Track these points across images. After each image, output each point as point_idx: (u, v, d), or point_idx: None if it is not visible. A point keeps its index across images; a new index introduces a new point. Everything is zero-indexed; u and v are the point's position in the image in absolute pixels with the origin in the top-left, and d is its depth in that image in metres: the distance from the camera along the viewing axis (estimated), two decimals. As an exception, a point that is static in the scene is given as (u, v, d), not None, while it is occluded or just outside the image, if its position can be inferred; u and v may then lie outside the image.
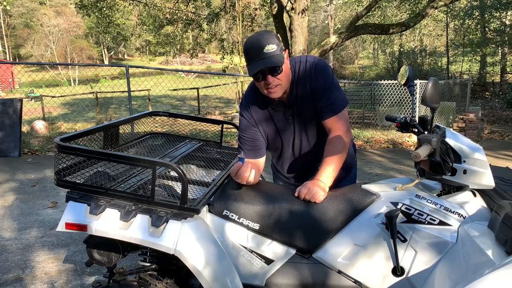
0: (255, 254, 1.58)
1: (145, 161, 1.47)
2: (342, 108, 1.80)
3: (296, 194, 1.64)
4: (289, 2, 8.68)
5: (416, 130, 1.66)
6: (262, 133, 1.87)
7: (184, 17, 14.53)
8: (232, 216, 1.58)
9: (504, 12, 18.62)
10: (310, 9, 13.70)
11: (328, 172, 1.70)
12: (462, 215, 1.48)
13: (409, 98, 9.25)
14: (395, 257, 1.47)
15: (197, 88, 16.06)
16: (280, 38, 10.35)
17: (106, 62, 44.62)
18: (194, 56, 16.26)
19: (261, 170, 1.88)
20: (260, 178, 1.93)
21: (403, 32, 18.69)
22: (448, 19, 22.35)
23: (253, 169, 1.64)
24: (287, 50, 1.75)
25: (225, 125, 2.50)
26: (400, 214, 1.51)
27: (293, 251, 1.61)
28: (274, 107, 1.84)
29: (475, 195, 1.55)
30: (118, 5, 12.52)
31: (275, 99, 1.78)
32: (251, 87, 1.90)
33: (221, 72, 14.58)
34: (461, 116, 8.77)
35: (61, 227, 1.49)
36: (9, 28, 45.11)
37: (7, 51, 43.57)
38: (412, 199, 1.53)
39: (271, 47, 1.62)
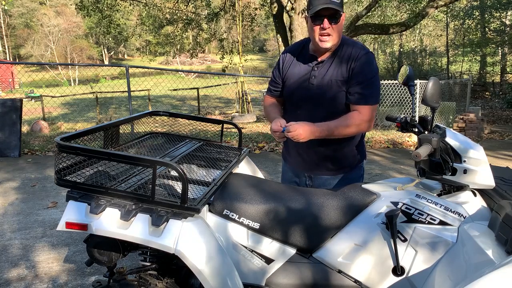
0: (256, 254, 1.58)
1: (146, 160, 1.47)
2: (373, 103, 1.85)
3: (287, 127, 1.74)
4: (289, 2, 8.68)
5: (416, 130, 1.66)
6: (283, 77, 2.00)
7: (184, 17, 14.52)
8: (233, 215, 1.59)
9: (504, 12, 18.58)
10: (310, 9, 13.62)
11: (326, 125, 1.76)
12: (462, 215, 1.48)
13: (409, 98, 9.26)
14: (395, 256, 1.48)
15: (197, 88, 16.04)
16: (280, 38, 10.40)
17: (106, 62, 44.63)
18: (194, 56, 16.25)
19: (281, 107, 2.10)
20: (260, 178, 1.93)
21: (403, 32, 18.69)
22: (448, 19, 22.30)
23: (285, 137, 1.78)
24: (344, 13, 1.85)
25: (225, 125, 2.50)
26: (400, 214, 1.51)
27: (293, 251, 1.61)
28: (307, 59, 1.93)
29: (475, 195, 1.55)
30: (118, 5, 12.52)
31: (316, 53, 1.89)
32: (301, 41, 2.05)
33: (221, 72, 14.55)
34: (461, 116, 8.76)
35: (61, 227, 1.49)
36: (9, 28, 45.08)
37: (7, 51, 43.57)
38: (412, 199, 1.53)
39: None
